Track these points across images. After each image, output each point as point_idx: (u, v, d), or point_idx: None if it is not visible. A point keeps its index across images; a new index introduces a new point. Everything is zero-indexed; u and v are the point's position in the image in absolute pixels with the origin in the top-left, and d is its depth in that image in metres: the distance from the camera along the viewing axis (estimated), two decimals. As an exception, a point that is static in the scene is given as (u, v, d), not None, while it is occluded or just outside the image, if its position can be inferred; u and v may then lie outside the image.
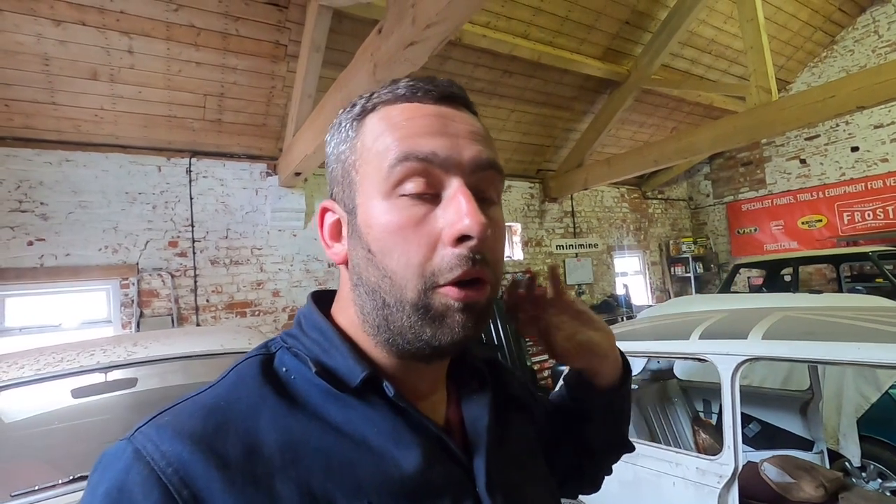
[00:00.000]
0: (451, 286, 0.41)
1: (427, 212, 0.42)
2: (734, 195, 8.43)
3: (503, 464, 0.49)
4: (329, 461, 0.39)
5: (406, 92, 0.44)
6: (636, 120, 6.68)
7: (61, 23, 3.17)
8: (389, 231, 0.41)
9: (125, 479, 0.35)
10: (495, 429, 0.50)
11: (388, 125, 0.43)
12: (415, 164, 0.41)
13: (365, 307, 0.45)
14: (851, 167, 7.05)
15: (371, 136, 0.44)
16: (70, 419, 1.81)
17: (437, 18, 2.03)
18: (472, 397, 0.51)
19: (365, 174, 0.44)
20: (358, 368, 0.43)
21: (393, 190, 0.42)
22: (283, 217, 4.70)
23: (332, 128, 0.49)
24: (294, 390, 0.43)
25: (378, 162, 0.43)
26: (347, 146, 0.46)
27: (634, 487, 1.92)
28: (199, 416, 0.39)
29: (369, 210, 0.43)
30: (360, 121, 0.46)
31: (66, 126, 3.76)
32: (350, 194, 0.45)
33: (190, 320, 4.26)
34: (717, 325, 2.03)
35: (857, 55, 6.81)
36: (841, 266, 5.79)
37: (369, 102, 0.46)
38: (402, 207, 0.41)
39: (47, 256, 3.72)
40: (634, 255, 8.21)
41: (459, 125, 0.44)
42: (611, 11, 4.93)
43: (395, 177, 0.41)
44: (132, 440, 0.38)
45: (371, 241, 0.43)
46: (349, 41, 3.82)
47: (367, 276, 0.44)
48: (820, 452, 2.55)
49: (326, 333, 0.46)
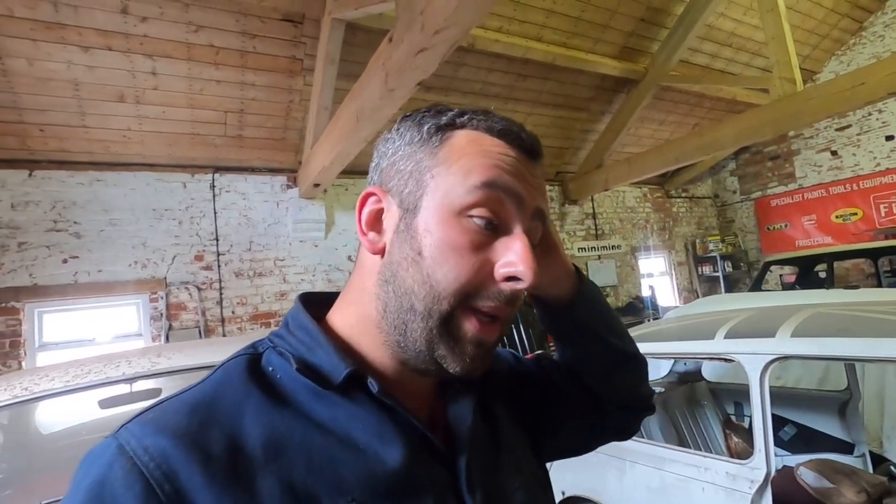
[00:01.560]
0: (474, 315, 0.43)
1: (487, 241, 0.44)
2: (762, 191, 8.18)
3: (487, 463, 0.49)
4: (312, 458, 0.39)
5: (500, 129, 0.47)
6: (656, 118, 6.57)
7: (89, 49, 3.31)
8: (450, 245, 0.43)
9: (108, 474, 0.36)
10: (480, 428, 0.50)
11: (479, 149, 0.45)
12: (495, 193, 0.44)
13: (389, 304, 0.45)
14: (886, 157, 6.75)
15: (459, 151, 0.45)
16: (98, 431, 1.87)
17: (445, 24, 2.04)
18: (456, 397, 0.51)
19: (441, 182, 0.44)
20: (342, 365, 0.43)
21: (466, 209, 0.43)
22: (305, 228, 4.78)
23: (406, 120, 0.49)
24: (280, 388, 0.43)
25: (460, 177, 0.44)
26: (427, 149, 0.46)
27: (662, 494, 1.86)
28: (184, 413, 0.39)
29: (434, 216, 0.44)
30: (447, 132, 0.47)
31: (96, 147, 3.92)
32: (416, 193, 0.45)
33: (216, 331, 4.36)
34: (743, 323, 1.96)
35: (889, 40, 6.54)
36: (879, 260, 5.53)
37: (460, 119, 0.47)
38: (469, 229, 0.43)
39: (81, 273, 3.87)
40: (659, 256, 8.03)
41: (534, 179, 0.47)
42: (625, 9, 4.87)
43: (474, 199, 0.43)
44: (117, 436, 0.38)
45: (425, 246, 0.43)
46: (363, 52, 3.88)
47: (404, 276, 0.44)
48: (861, 456, 2.42)
49: (311, 332, 0.47)
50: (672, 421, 2.64)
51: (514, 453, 0.55)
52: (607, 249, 7.17)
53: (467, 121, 0.47)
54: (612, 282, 7.14)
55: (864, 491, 1.84)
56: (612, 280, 7.14)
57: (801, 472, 1.97)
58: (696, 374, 3.03)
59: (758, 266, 7.15)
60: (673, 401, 2.76)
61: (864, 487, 1.86)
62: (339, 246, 5.06)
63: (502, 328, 0.46)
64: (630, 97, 5.77)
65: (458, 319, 0.43)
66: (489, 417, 0.55)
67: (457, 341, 0.43)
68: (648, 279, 7.62)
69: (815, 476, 1.93)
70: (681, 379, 2.98)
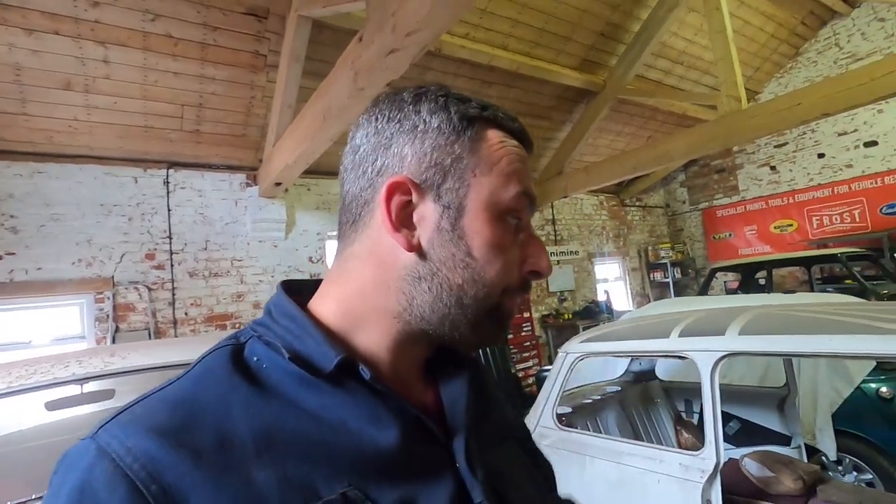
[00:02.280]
0: (510, 299, 0.48)
1: (516, 238, 0.48)
2: (709, 202, 8.66)
3: (482, 442, 0.49)
4: (306, 445, 0.39)
5: (517, 129, 0.50)
6: (613, 129, 6.84)
7: (34, 32, 3.11)
8: (497, 245, 0.46)
9: (88, 478, 0.34)
10: (474, 408, 0.50)
11: (510, 153, 0.48)
12: (528, 200, 0.48)
13: (419, 299, 0.45)
14: (818, 173, 7.32)
15: (497, 153, 0.47)
16: (45, 437, 1.75)
17: (417, 26, 2.06)
18: (449, 380, 0.52)
19: (485, 183, 0.46)
20: (332, 353, 0.42)
21: (505, 212, 0.46)
22: (264, 228, 4.66)
23: (424, 100, 0.47)
24: (266, 379, 0.42)
25: (503, 180, 0.46)
26: (464, 145, 0.46)
27: (620, 486, 1.94)
28: (166, 410, 0.38)
29: (481, 217, 0.45)
30: (476, 125, 0.47)
31: (38, 137, 3.68)
32: (460, 192, 0.45)
33: (168, 334, 4.16)
34: (695, 323, 2.08)
35: (821, 66, 7.11)
36: (812, 268, 5.98)
37: (486, 112, 0.48)
38: (509, 230, 0.47)
39: (17, 271, 3.61)
40: (614, 262, 8.34)
41: (530, 174, 0.51)
42: (586, 23, 5.06)
43: (516, 205, 0.47)
44: (95, 438, 0.36)
45: (475, 247, 0.45)
46: (329, 51, 3.84)
47: (452, 275, 0.45)
48: (798, 447, 2.61)
49: (298, 320, 0.45)
50: (628, 417, 2.75)
51: (509, 431, 0.56)
52: (566, 255, 7.38)
53: (493, 114, 0.48)
54: (570, 286, 7.34)
55: (801, 479, 1.99)
56: (570, 285, 7.34)
57: (745, 463, 2.11)
58: (650, 373, 3.17)
59: (705, 272, 7.56)
60: (629, 398, 2.87)
61: (801, 475, 2.01)
62: (299, 247, 4.96)
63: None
64: (589, 108, 5.98)
65: (502, 305, 0.48)
66: (483, 396, 0.55)
67: (500, 323, 0.48)
68: (604, 284, 7.89)
69: (757, 466, 2.07)
70: (636, 378, 3.11)
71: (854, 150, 6.95)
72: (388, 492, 0.39)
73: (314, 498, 0.37)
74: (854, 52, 6.81)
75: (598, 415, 2.67)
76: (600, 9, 5.01)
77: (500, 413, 0.59)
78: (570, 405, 2.66)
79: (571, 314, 6.98)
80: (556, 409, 2.34)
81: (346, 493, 0.37)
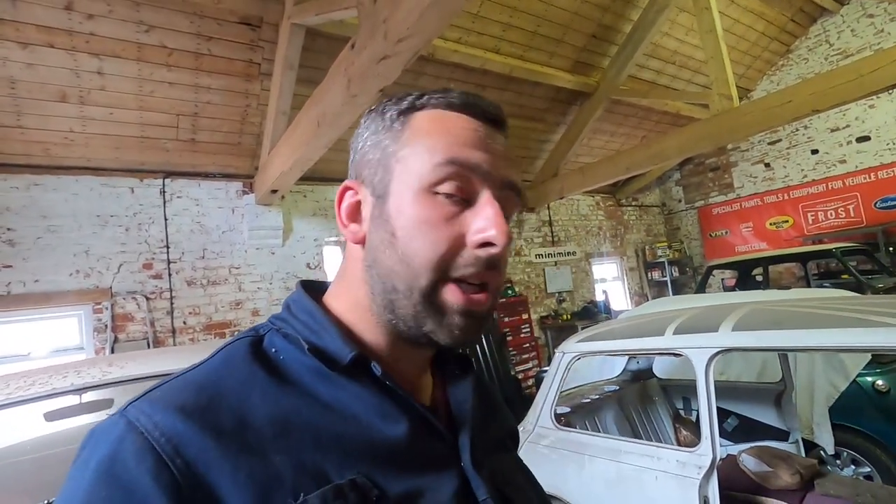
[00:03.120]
0: (457, 287, 0.44)
1: (457, 212, 0.45)
2: (705, 200, 8.69)
3: (487, 443, 0.51)
4: (319, 434, 0.40)
5: (459, 102, 0.48)
6: (607, 129, 6.87)
7: (28, 45, 3.13)
8: (420, 221, 0.44)
9: (118, 449, 0.36)
10: (480, 409, 0.52)
11: (439, 127, 0.46)
12: (459, 169, 0.45)
13: (375, 287, 0.47)
14: (812, 169, 7.36)
15: (420, 132, 0.47)
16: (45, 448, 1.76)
17: (408, 33, 2.09)
18: (456, 381, 0.54)
19: (407, 166, 0.46)
20: (346, 349, 0.44)
21: (432, 186, 0.45)
22: (261, 235, 4.67)
23: (371, 113, 0.51)
24: (283, 369, 0.44)
25: (424, 158, 0.45)
26: (391, 135, 0.48)
27: (619, 484, 1.95)
28: (192, 391, 0.40)
29: (404, 198, 0.45)
30: (408, 115, 0.48)
31: (34, 150, 3.69)
32: (384, 180, 0.47)
33: (166, 343, 4.16)
34: (690, 320, 2.10)
35: (812, 63, 7.16)
36: (808, 264, 6.00)
37: (419, 101, 0.48)
38: (437, 204, 0.45)
39: (15, 283, 3.61)
40: (612, 262, 8.35)
41: (499, 146, 0.48)
42: (578, 26, 5.10)
43: (439, 175, 0.44)
44: (125, 413, 0.39)
45: (398, 227, 0.45)
46: (322, 58, 3.86)
47: (383, 258, 0.46)
48: (795, 442, 2.63)
49: (316, 316, 0.48)
50: (626, 415, 2.76)
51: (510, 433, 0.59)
52: (563, 256, 7.40)
53: (426, 101, 0.48)
54: (568, 287, 7.36)
55: (798, 473, 2.00)
56: (568, 285, 7.36)
57: (742, 458, 2.12)
58: (647, 371, 3.18)
59: (702, 270, 7.58)
60: (627, 397, 2.88)
61: (798, 470, 2.02)
62: (297, 253, 4.97)
63: (492, 296, 0.47)
64: (583, 109, 6.02)
65: (440, 293, 0.44)
66: (488, 400, 0.57)
67: (442, 314, 0.44)
68: (602, 284, 7.91)
69: (755, 461, 2.08)
70: (634, 376, 3.12)
71: (847, 146, 6.99)
72: (394, 482, 0.41)
73: (325, 482, 0.38)
74: (844, 49, 6.86)
75: (596, 414, 2.68)
76: (591, 11, 5.05)
77: (503, 418, 0.61)
78: (569, 405, 2.67)
79: (570, 315, 6.99)
80: (554, 409, 2.35)
81: (355, 480, 0.39)
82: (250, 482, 0.36)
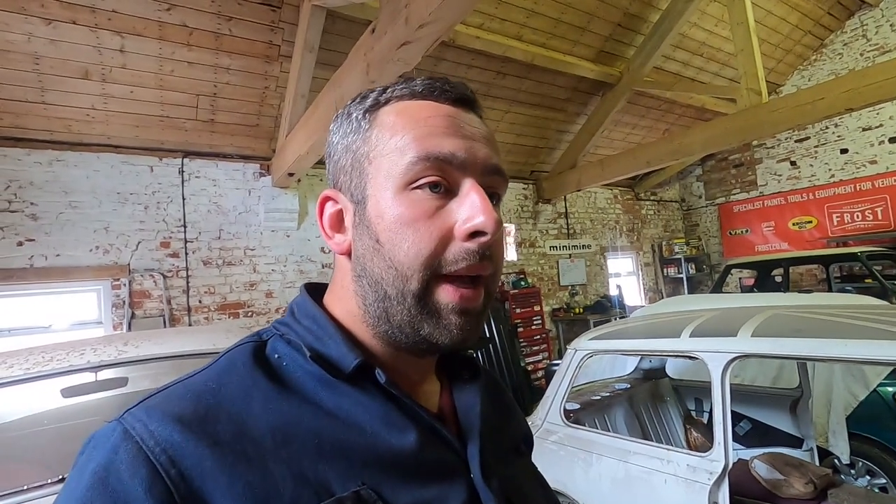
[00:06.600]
0: (450, 285, 0.42)
1: (440, 206, 0.42)
2: (726, 196, 8.50)
3: (498, 449, 0.49)
4: (321, 443, 0.39)
5: (423, 89, 0.45)
6: (629, 122, 6.73)
7: (52, 21, 3.15)
8: (402, 222, 0.42)
9: (112, 458, 0.35)
10: (488, 416, 0.50)
11: (407, 120, 0.44)
12: (434, 163, 0.42)
13: (367, 298, 0.45)
14: (841, 169, 7.13)
15: (387, 128, 0.44)
16: (60, 420, 1.80)
17: (430, 18, 2.04)
18: (463, 387, 0.52)
19: (379, 166, 0.44)
20: (351, 356, 0.43)
21: (409, 184, 0.42)
22: (277, 218, 4.69)
23: (338, 117, 0.49)
24: (286, 376, 0.43)
25: (395, 156, 0.43)
26: (359, 137, 0.46)
27: (626, 485, 1.93)
28: (190, 399, 0.39)
29: (382, 201, 0.43)
30: (373, 113, 0.46)
31: (56, 126, 3.73)
32: (360, 185, 0.45)
33: (182, 321, 4.23)
34: (707, 323, 2.05)
35: (846, 58, 6.89)
36: (831, 267, 5.84)
37: (383, 96, 0.46)
38: (417, 201, 0.42)
39: (37, 257, 3.69)
40: (627, 257, 8.25)
41: (473, 128, 0.45)
42: (603, 14, 4.96)
43: (413, 173, 0.42)
44: (121, 421, 0.38)
45: (381, 232, 0.43)
46: (342, 41, 3.82)
47: (371, 266, 0.44)
48: (809, 450, 2.58)
49: (320, 322, 0.46)
50: (637, 415, 2.73)
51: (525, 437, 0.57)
52: (578, 248, 7.32)
53: (390, 94, 0.46)
54: (582, 280, 7.29)
55: (812, 482, 1.97)
56: (582, 279, 7.29)
57: (754, 464, 2.09)
58: (660, 371, 3.14)
59: (719, 269, 7.45)
60: (638, 396, 2.85)
61: (812, 479, 1.98)
62: (311, 237, 4.99)
63: (487, 290, 0.45)
64: (605, 100, 5.89)
65: (432, 293, 0.42)
66: (499, 405, 0.55)
67: (438, 316, 0.42)
68: (616, 279, 7.82)
69: (767, 468, 2.05)
70: (646, 375, 3.09)
71: (879, 146, 6.75)
72: (400, 494, 0.40)
73: (327, 495, 0.37)
74: (882, 45, 6.58)
75: (606, 412, 2.66)
76: (618, -1, 4.90)
77: (516, 423, 0.59)
78: (579, 401, 2.65)
79: (583, 308, 6.93)
80: (563, 406, 2.34)
81: (358, 492, 0.38)
82: (247, 494, 0.35)
